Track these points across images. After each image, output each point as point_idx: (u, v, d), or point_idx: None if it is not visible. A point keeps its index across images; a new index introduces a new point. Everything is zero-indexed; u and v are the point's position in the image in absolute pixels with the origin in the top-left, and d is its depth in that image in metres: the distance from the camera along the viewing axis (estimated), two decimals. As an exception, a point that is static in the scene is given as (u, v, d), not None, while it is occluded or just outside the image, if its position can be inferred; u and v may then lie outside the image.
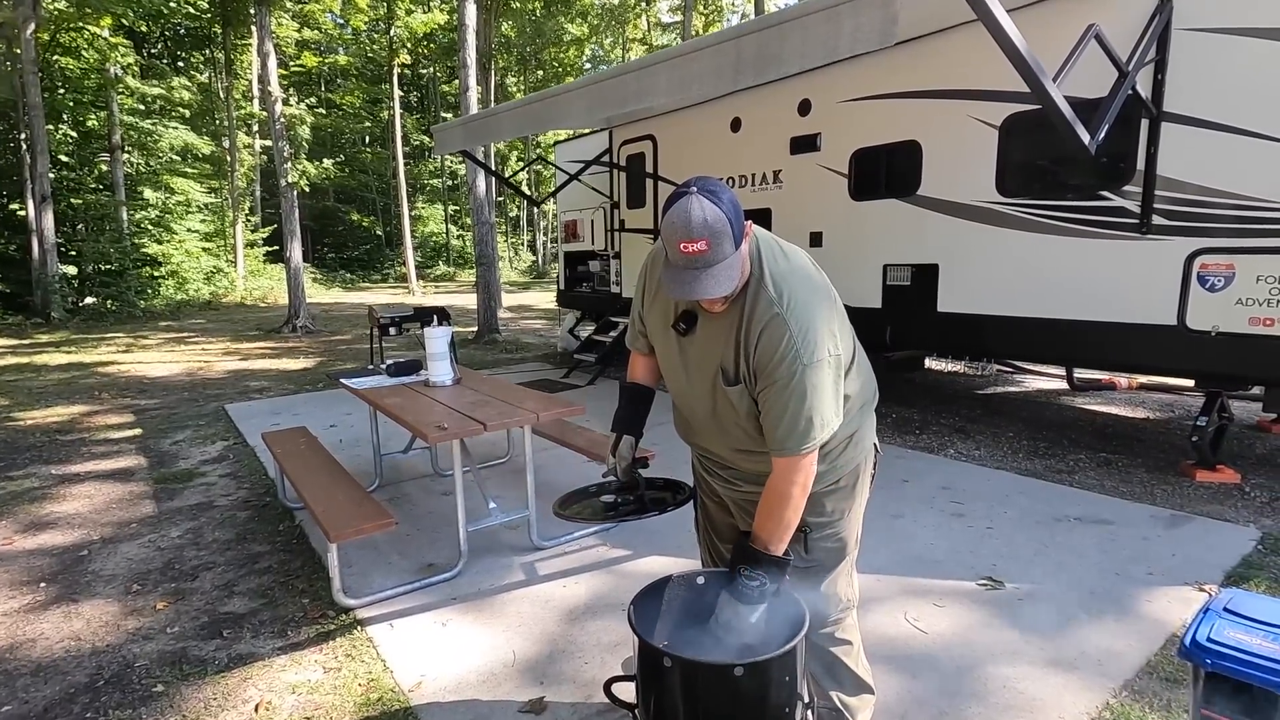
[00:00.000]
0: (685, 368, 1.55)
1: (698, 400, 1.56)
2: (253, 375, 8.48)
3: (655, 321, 1.61)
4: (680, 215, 1.24)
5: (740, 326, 1.39)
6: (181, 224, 19.39)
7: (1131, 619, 2.51)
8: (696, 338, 1.49)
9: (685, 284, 1.27)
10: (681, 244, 1.24)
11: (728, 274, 1.27)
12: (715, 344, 1.45)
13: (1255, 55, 3.42)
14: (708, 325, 1.46)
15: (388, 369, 3.85)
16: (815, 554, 1.60)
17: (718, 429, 1.57)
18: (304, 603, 2.83)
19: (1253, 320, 3.48)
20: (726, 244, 1.25)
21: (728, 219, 1.25)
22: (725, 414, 1.51)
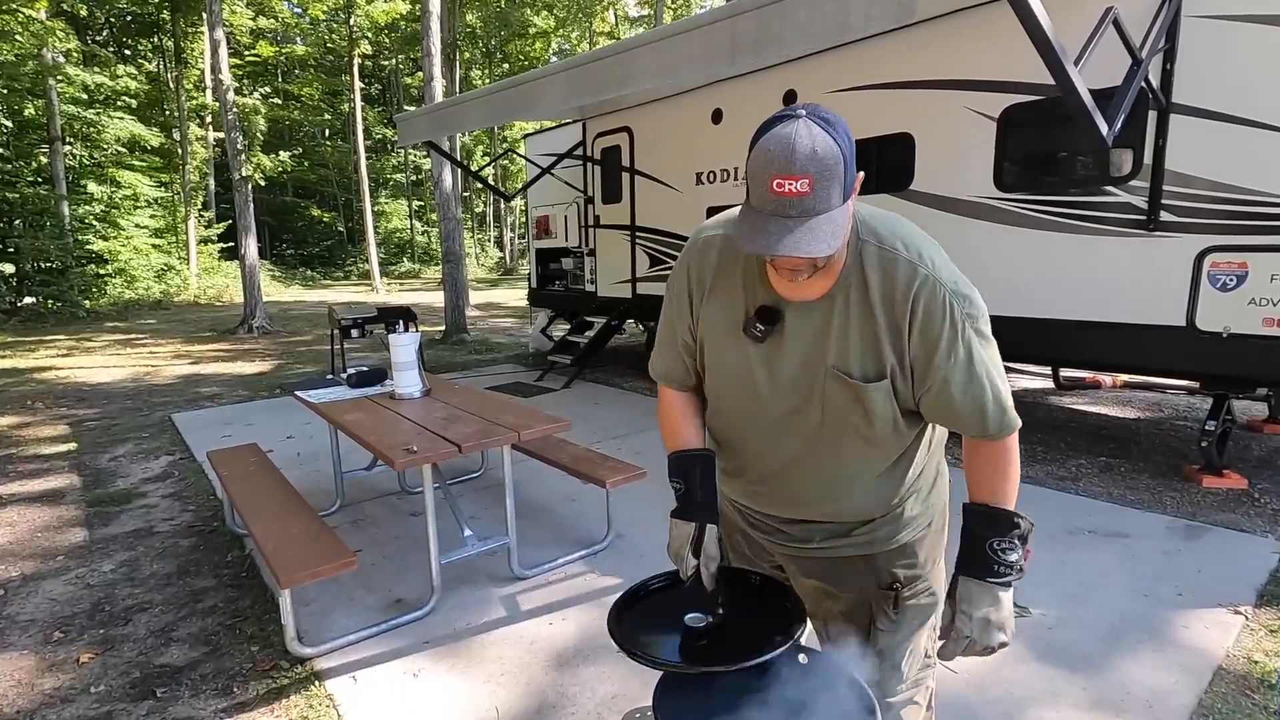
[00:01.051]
0: (770, 383, 1.14)
1: (787, 425, 1.16)
2: (204, 380, 7.96)
3: (716, 330, 1.18)
4: (780, 143, 0.90)
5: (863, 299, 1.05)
6: (129, 219, 18.40)
7: (1171, 649, 2.32)
8: (784, 339, 1.11)
9: (770, 235, 0.92)
10: (776, 180, 0.90)
11: (830, 230, 0.92)
12: (819, 339, 1.08)
13: (1267, 44, 3.26)
14: (799, 319, 1.09)
15: (348, 379, 3.50)
16: (905, 614, 1.26)
17: (812, 461, 1.18)
18: (253, 651, 2.48)
19: (1267, 321, 3.34)
20: (835, 190, 0.91)
21: (842, 156, 0.91)
22: (841, 432, 1.13)
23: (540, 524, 3.55)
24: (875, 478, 1.19)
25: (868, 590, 1.26)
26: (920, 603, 1.27)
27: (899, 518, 1.23)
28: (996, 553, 1.09)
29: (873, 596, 1.26)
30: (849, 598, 1.28)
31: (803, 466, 1.19)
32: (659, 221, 6.77)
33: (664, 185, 6.63)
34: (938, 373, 1.04)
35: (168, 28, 21.97)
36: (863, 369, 1.07)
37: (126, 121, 18.16)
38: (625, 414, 5.83)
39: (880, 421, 1.10)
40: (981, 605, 1.10)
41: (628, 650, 1.09)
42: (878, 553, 1.24)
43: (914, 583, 1.26)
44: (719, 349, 1.19)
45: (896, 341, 1.05)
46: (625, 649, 1.10)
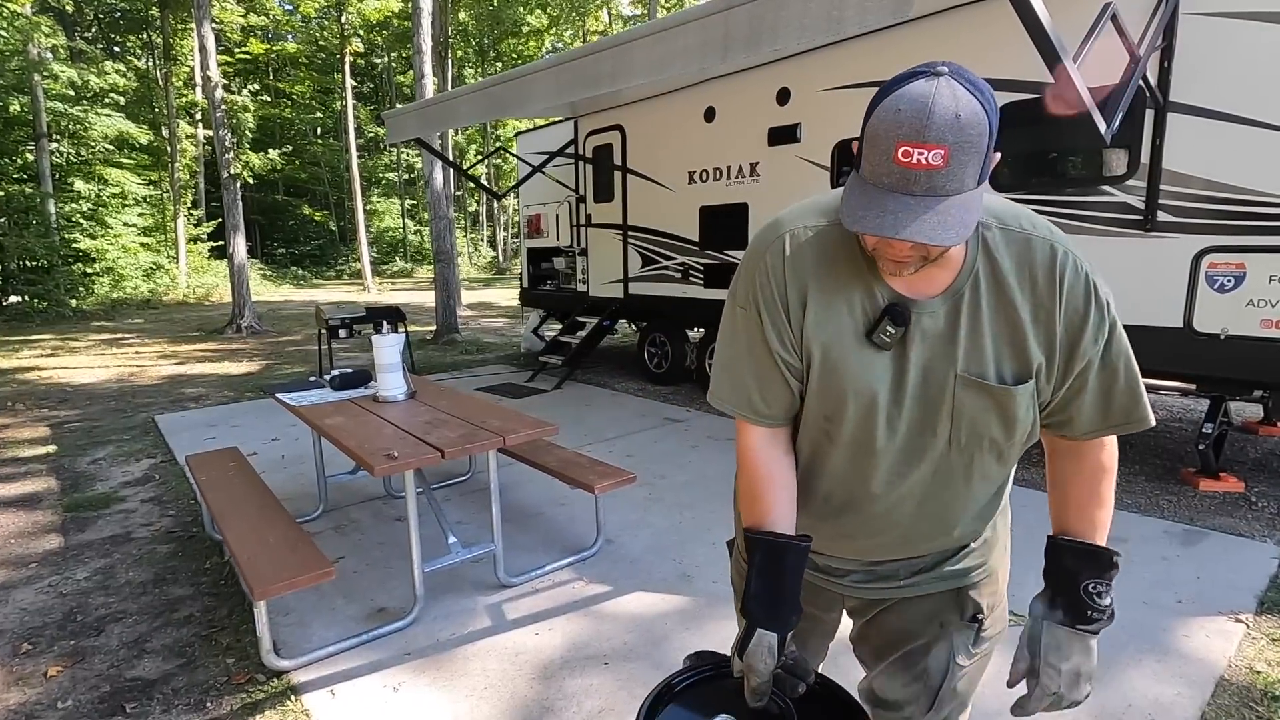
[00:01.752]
0: (893, 401, 0.94)
1: (909, 451, 0.97)
2: (190, 381, 7.85)
3: (830, 343, 0.95)
4: (914, 104, 0.74)
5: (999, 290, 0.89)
6: (117, 218, 18.21)
7: (1173, 659, 2.27)
8: (914, 343, 0.92)
9: (888, 214, 0.76)
10: (903, 147, 0.74)
11: (963, 215, 0.76)
12: (944, 343, 0.91)
13: (1266, 41, 3.22)
14: (928, 318, 0.92)
15: (331, 381, 3.41)
16: (982, 645, 1.11)
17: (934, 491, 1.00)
18: (228, 663, 2.40)
19: (1265, 323, 3.29)
20: (972, 167, 0.75)
21: (988, 128, 0.75)
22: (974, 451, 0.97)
23: (529, 529, 3.48)
24: (991, 497, 1.05)
25: (950, 625, 1.09)
26: (995, 631, 1.13)
27: (990, 541, 1.11)
28: (1092, 596, 0.96)
29: (955, 630, 1.09)
30: (928, 636, 1.10)
31: (920, 499, 1.01)
32: (651, 221, 6.70)
33: (656, 184, 6.56)
34: (1083, 359, 0.90)
35: (157, 24, 21.73)
36: (1001, 371, 0.91)
37: (114, 118, 17.98)
38: (617, 416, 5.75)
39: (1021, 429, 0.95)
40: (1072, 655, 0.97)
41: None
42: (971, 585, 1.09)
43: (993, 609, 1.12)
44: (836, 365, 0.95)
45: (1046, 330, 0.90)
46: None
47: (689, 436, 5.08)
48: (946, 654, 1.09)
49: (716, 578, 2.90)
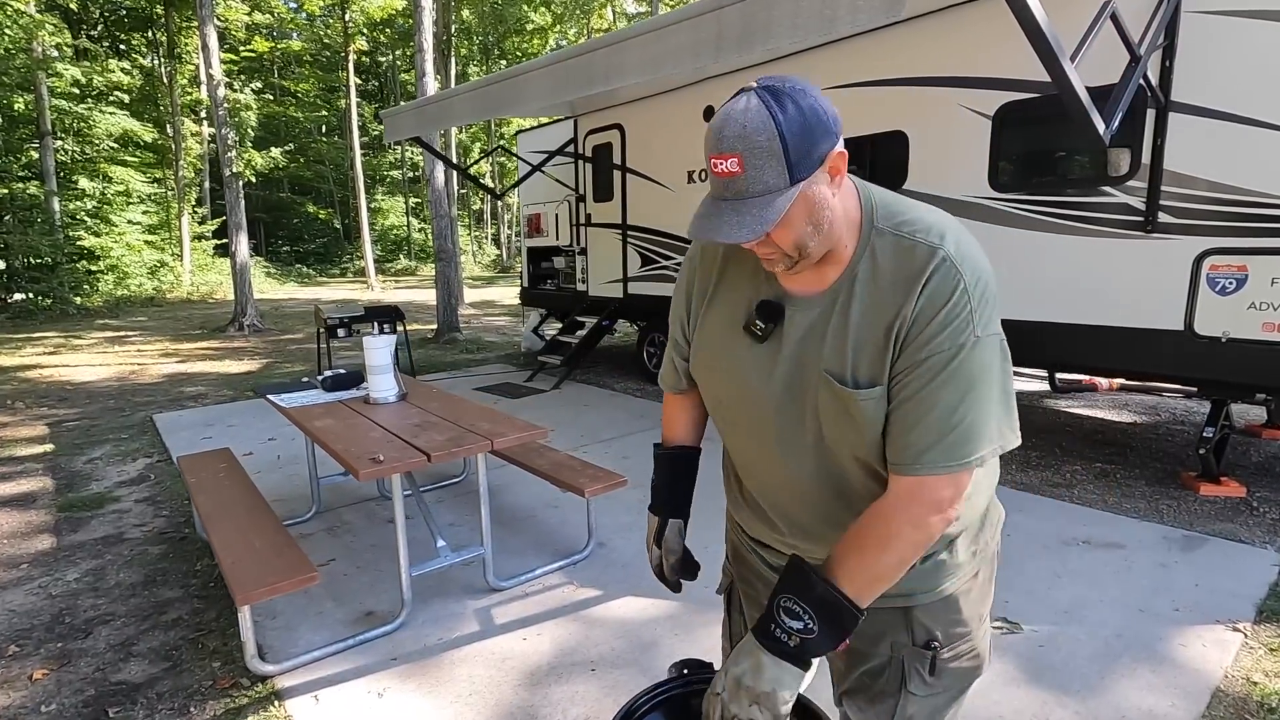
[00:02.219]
0: (766, 390, 0.99)
1: (786, 441, 1.01)
2: (190, 380, 7.85)
3: (717, 330, 1.06)
4: (717, 119, 0.83)
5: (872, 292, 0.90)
6: (121, 215, 18.25)
7: (1168, 669, 2.23)
8: (787, 337, 0.97)
9: (702, 219, 0.86)
10: (712, 158, 0.83)
11: (760, 214, 0.82)
12: (818, 338, 0.94)
13: (1269, 40, 3.17)
14: (800, 315, 0.96)
15: (323, 382, 3.39)
16: (944, 679, 1.06)
17: (816, 487, 1.02)
18: (214, 667, 2.38)
19: (1266, 326, 3.25)
20: (771, 169, 0.81)
21: (778, 133, 0.80)
22: (839, 452, 0.97)
23: (521, 532, 3.46)
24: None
25: (900, 647, 1.06)
26: (962, 665, 1.07)
27: (943, 564, 1.02)
28: (779, 611, 0.91)
29: (907, 655, 1.05)
30: (880, 658, 1.08)
31: (808, 494, 1.03)
32: (650, 220, 6.67)
33: (655, 183, 6.53)
34: (909, 366, 0.87)
35: (161, 22, 21.76)
36: (856, 373, 0.91)
37: (119, 117, 18.02)
38: (614, 416, 5.73)
39: (872, 441, 0.92)
40: (740, 662, 0.92)
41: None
42: (916, 606, 1.04)
43: (956, 642, 1.06)
44: (719, 353, 1.05)
45: (899, 329, 0.88)
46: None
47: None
48: (899, 679, 1.06)
49: (708, 583, 2.85)
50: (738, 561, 1.27)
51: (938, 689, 1.06)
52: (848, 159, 0.87)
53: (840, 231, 0.91)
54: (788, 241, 0.88)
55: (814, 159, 0.83)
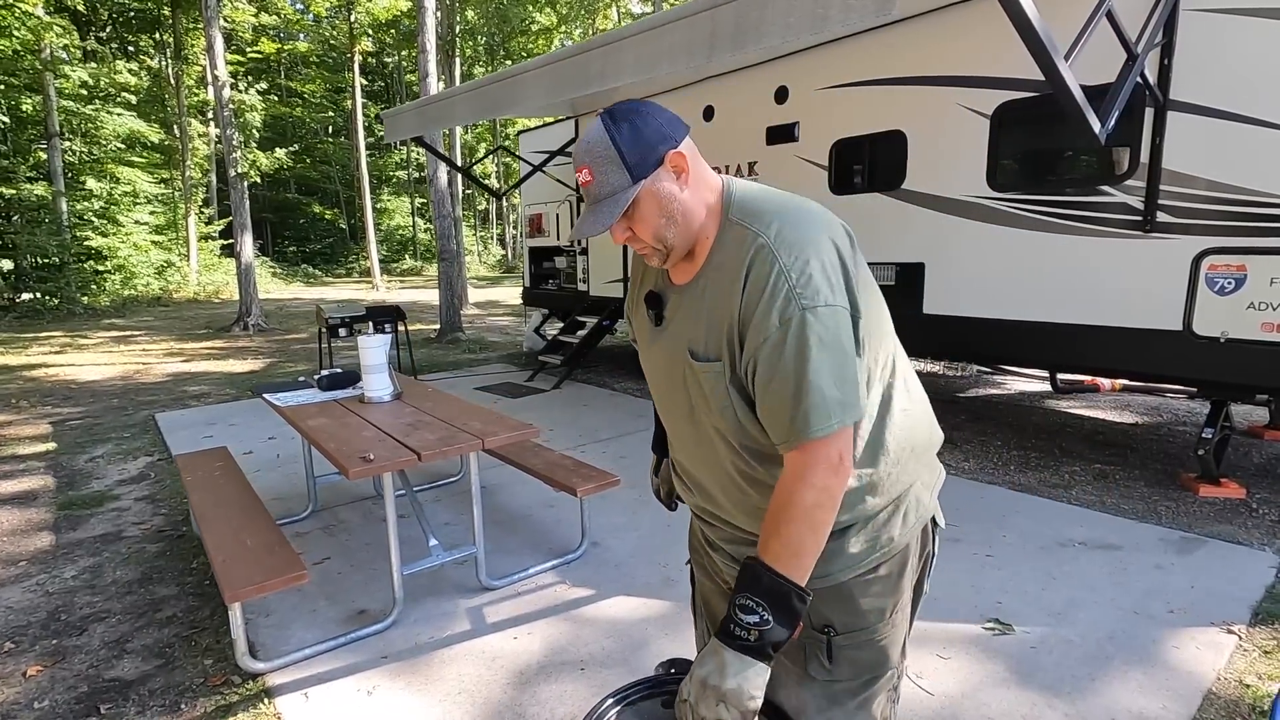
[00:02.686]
0: (660, 366, 1.17)
1: (675, 407, 1.16)
2: (193, 379, 7.90)
3: (638, 322, 1.23)
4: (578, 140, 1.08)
5: (718, 279, 1.03)
6: (128, 216, 18.37)
7: (1160, 671, 2.21)
8: (670, 321, 1.13)
9: (578, 223, 1.05)
10: (576, 174, 1.04)
11: (610, 209, 1.01)
12: (687, 320, 1.08)
13: (1268, 38, 3.15)
14: (679, 301, 1.11)
15: (319, 381, 3.41)
16: (842, 668, 1.10)
17: (701, 455, 1.14)
18: (206, 665, 2.40)
19: (1265, 326, 3.22)
20: (614, 174, 0.99)
21: (614, 145, 0.99)
22: (701, 418, 1.10)
23: (516, 531, 3.47)
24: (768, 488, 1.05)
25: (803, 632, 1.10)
26: (863, 656, 1.10)
27: (830, 551, 1.03)
28: (736, 609, 0.96)
29: (805, 637, 1.09)
30: None
31: (694, 456, 1.17)
32: (651, 220, 6.66)
33: (656, 183, 6.52)
34: (751, 345, 0.97)
35: (169, 24, 21.89)
36: (706, 349, 1.04)
37: (126, 117, 18.13)
38: (613, 416, 5.73)
39: (719, 410, 1.04)
40: (705, 664, 0.97)
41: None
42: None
43: (855, 633, 1.09)
44: (640, 340, 1.23)
45: (731, 314, 1.00)
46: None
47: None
48: (801, 660, 1.10)
49: (700, 582, 2.86)
50: (696, 535, 1.34)
51: (836, 676, 1.10)
52: (689, 159, 1.02)
53: (699, 224, 1.05)
54: (647, 233, 1.04)
55: (651, 161, 1.00)
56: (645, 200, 1.01)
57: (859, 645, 1.10)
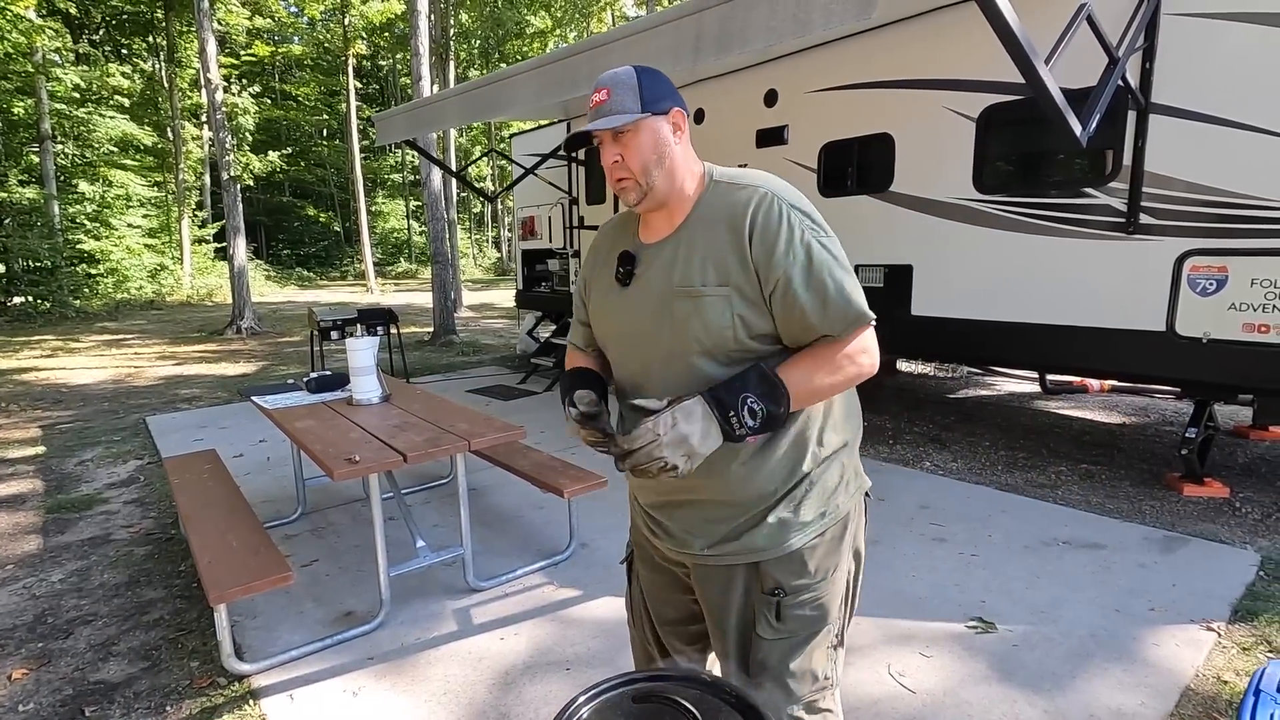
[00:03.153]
0: (635, 322, 1.23)
1: (650, 349, 1.22)
2: (185, 382, 7.88)
3: (599, 290, 1.32)
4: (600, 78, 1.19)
5: (706, 227, 1.16)
6: (121, 219, 18.33)
7: (1140, 668, 2.24)
8: (645, 277, 1.22)
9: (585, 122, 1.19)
10: (590, 98, 1.17)
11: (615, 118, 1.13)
12: (669, 267, 1.18)
13: (1248, 42, 3.18)
14: (655, 257, 1.22)
15: (308, 384, 3.41)
16: (789, 624, 1.21)
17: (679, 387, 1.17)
18: (192, 667, 2.40)
19: (1246, 327, 3.25)
20: (629, 98, 1.14)
21: (636, 78, 1.15)
22: (680, 350, 1.17)
23: (505, 532, 3.47)
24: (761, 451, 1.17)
25: (752, 594, 1.23)
26: (806, 614, 1.21)
27: (789, 523, 1.18)
28: (743, 407, 1.07)
29: (756, 600, 1.21)
30: (734, 607, 1.24)
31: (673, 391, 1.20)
32: (642, 223, 6.68)
33: (647, 186, 6.54)
34: (779, 270, 1.10)
35: (162, 26, 21.85)
36: (704, 279, 1.14)
37: (118, 120, 18.09)
38: (605, 418, 5.74)
39: (717, 331, 1.13)
40: (691, 424, 1.07)
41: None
42: (765, 560, 1.20)
43: (800, 593, 1.20)
44: (601, 307, 1.30)
45: (740, 253, 1.12)
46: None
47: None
48: (750, 623, 1.23)
49: (687, 583, 2.88)
50: (635, 532, 1.45)
51: (784, 633, 1.21)
52: (688, 121, 1.20)
53: (683, 179, 1.18)
54: (635, 163, 1.14)
55: (660, 105, 1.15)
56: (645, 131, 1.14)
57: (803, 604, 1.21)
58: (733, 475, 1.19)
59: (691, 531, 1.25)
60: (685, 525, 1.25)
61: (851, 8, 2.26)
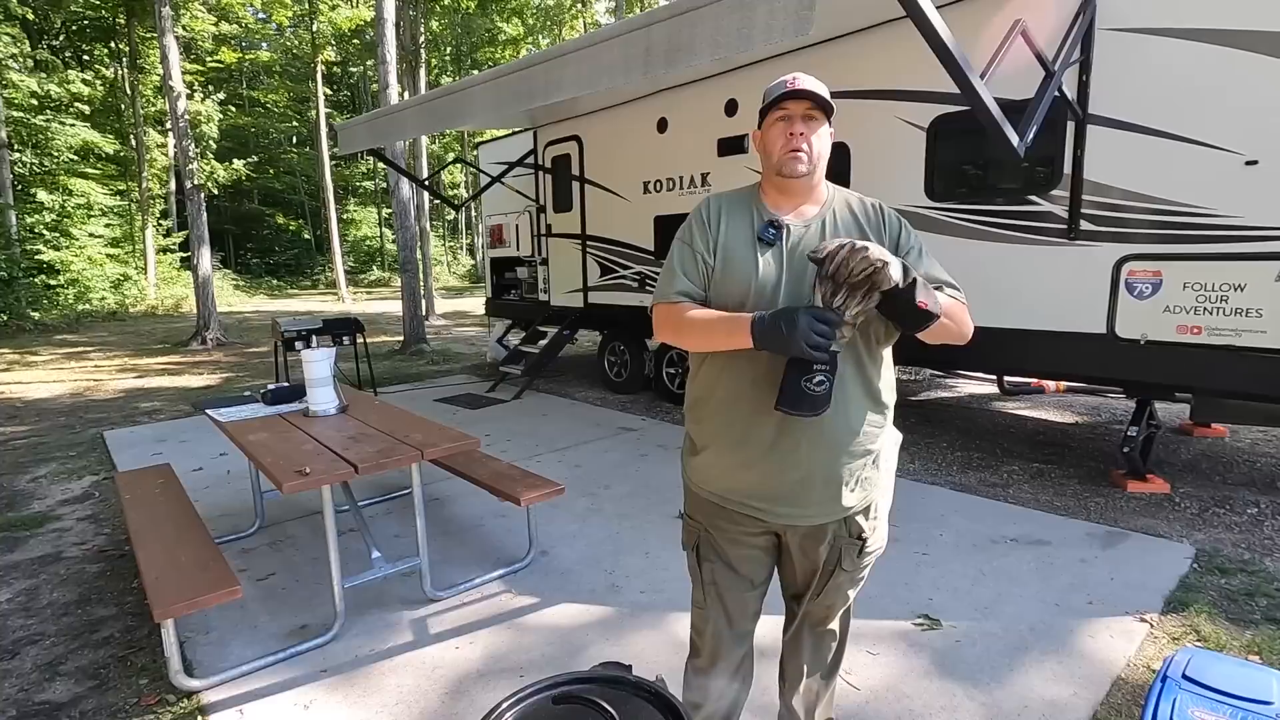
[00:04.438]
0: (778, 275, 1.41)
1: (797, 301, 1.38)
2: (147, 395, 7.74)
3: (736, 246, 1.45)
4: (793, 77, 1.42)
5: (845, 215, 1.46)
6: (82, 229, 17.92)
7: (1074, 660, 2.32)
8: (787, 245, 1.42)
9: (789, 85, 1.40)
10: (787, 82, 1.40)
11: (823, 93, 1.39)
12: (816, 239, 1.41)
13: (1180, 57, 3.32)
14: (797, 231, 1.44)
15: (264, 396, 3.39)
16: (863, 560, 1.55)
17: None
18: (140, 684, 2.37)
19: (1180, 328, 3.39)
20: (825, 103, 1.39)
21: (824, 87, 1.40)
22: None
23: (465, 542, 3.48)
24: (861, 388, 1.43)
25: (840, 539, 1.50)
26: (871, 552, 1.54)
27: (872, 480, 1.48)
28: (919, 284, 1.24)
29: (844, 544, 1.50)
30: (824, 552, 1.51)
31: None
32: (609, 230, 6.74)
33: (613, 194, 6.60)
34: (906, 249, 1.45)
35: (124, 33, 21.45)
36: None
37: (79, 128, 17.71)
38: (572, 426, 5.76)
39: None
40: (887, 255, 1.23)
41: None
42: (853, 514, 1.48)
43: (872, 535, 1.52)
44: (743, 259, 1.44)
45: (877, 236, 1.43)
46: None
47: (640, 446, 5.10)
48: (835, 560, 1.52)
49: (644, 588, 2.92)
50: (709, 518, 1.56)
51: (858, 569, 1.55)
52: None
53: (823, 174, 1.47)
54: (814, 147, 1.40)
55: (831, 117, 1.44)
56: (825, 126, 1.42)
57: (875, 546, 1.55)
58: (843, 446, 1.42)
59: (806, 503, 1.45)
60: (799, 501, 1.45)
61: (790, 25, 2.33)
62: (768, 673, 1.91)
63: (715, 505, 1.54)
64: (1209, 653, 1.61)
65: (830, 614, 1.64)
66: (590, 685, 1.18)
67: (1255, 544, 3.15)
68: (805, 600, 1.60)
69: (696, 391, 1.53)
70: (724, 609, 1.59)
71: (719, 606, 1.60)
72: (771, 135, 1.42)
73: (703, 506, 1.57)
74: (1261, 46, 3.08)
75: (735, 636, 1.62)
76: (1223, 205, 3.24)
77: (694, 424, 1.56)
